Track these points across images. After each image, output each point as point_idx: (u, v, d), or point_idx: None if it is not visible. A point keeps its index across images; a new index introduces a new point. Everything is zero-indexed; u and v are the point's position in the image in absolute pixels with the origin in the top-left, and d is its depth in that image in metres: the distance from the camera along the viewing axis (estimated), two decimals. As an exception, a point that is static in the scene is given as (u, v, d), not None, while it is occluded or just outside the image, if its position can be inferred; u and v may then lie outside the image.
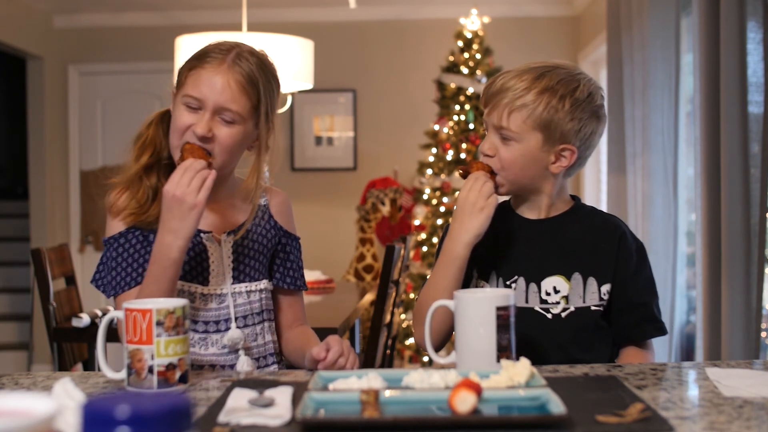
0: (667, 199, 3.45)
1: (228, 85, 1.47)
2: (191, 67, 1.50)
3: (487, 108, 1.54)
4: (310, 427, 1.00)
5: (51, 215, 5.76)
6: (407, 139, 5.60)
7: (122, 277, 1.51)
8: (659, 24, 3.48)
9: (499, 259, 1.57)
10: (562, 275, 1.53)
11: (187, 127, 1.48)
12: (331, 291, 3.68)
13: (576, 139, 1.51)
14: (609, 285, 1.54)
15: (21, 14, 5.46)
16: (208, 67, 1.48)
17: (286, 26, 4.98)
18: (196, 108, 1.48)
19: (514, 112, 1.49)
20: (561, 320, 1.52)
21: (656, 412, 1.05)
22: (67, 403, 0.99)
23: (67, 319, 2.88)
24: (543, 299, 1.53)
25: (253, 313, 1.58)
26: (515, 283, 1.54)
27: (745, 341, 2.49)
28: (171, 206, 1.40)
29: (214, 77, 1.47)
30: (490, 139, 1.54)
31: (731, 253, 2.52)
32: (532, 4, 5.62)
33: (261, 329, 1.59)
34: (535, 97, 1.48)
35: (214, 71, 1.48)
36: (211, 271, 1.55)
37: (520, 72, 1.53)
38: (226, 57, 1.49)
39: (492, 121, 1.53)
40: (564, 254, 1.55)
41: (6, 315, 6.16)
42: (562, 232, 1.57)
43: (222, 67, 1.48)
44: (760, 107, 2.44)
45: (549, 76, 1.50)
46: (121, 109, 5.87)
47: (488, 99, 1.54)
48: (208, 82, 1.47)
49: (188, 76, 1.50)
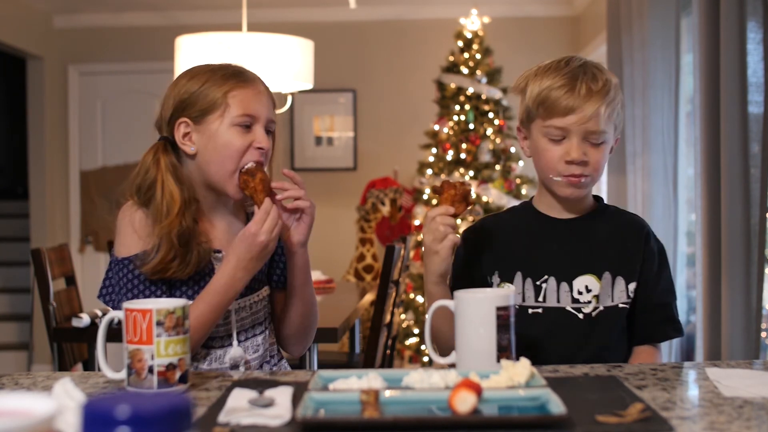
0: (667, 199, 3.45)
1: (268, 97, 1.55)
2: (227, 90, 1.49)
3: (569, 117, 1.47)
4: (310, 427, 1.00)
5: (51, 215, 5.76)
6: (407, 139, 5.60)
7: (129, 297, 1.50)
8: (659, 24, 3.48)
9: (527, 260, 1.56)
10: (594, 274, 1.53)
11: (246, 148, 1.50)
12: (331, 291, 3.68)
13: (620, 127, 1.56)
14: (635, 283, 1.54)
15: (21, 14, 5.46)
16: (247, 87, 1.52)
17: (286, 26, 4.98)
18: (248, 126, 1.51)
19: (611, 114, 1.49)
20: (592, 319, 1.52)
21: (656, 412, 1.05)
22: (67, 403, 0.99)
23: (67, 319, 2.89)
24: (575, 299, 1.53)
25: (255, 324, 1.59)
26: (546, 283, 1.53)
27: (745, 341, 2.49)
28: (252, 248, 1.45)
29: (259, 94, 1.53)
30: (577, 145, 1.48)
31: (731, 253, 2.52)
32: (532, 4, 5.62)
33: (263, 338, 1.61)
34: (616, 95, 1.50)
35: (254, 88, 1.53)
36: None
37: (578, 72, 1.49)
38: (248, 74, 1.55)
39: (588, 128, 1.47)
40: (594, 253, 1.55)
41: (6, 315, 6.16)
42: (590, 231, 1.57)
43: (256, 83, 1.54)
44: (760, 107, 2.44)
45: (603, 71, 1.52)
46: (121, 109, 5.87)
47: (570, 108, 1.46)
48: (256, 99, 1.52)
49: (229, 97, 1.49)
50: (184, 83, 1.52)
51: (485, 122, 4.96)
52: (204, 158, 1.51)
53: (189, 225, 1.47)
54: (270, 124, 1.54)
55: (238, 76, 1.52)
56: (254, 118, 1.50)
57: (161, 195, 1.47)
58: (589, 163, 1.49)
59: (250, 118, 1.50)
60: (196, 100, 1.50)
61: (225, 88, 1.49)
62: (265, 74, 3.48)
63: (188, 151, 1.51)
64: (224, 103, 1.49)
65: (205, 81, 1.51)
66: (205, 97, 1.49)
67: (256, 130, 1.51)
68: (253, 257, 1.45)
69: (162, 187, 1.48)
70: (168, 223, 1.45)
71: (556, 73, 1.50)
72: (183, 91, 1.51)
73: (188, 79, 1.52)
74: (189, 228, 1.47)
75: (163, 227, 1.45)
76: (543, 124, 1.50)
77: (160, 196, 1.47)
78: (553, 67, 1.52)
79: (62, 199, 5.88)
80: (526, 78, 1.55)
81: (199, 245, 1.48)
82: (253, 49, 3.45)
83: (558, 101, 1.47)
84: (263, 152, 1.51)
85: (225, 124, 1.49)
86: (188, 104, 1.50)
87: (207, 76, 1.51)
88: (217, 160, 1.49)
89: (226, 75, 1.51)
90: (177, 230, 1.45)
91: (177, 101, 1.51)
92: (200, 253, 1.48)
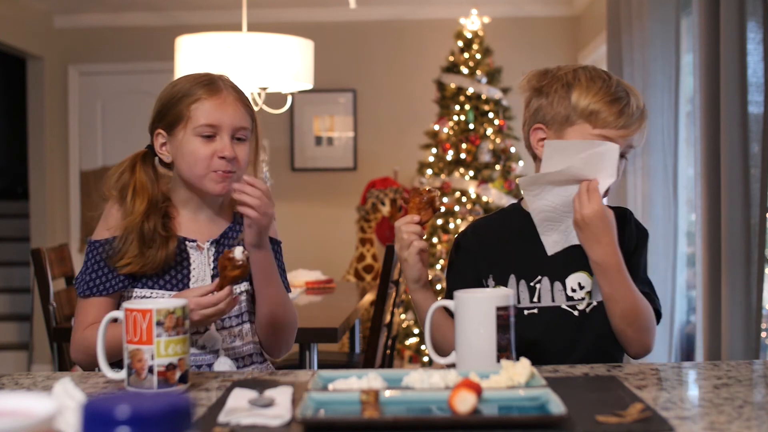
0: (667, 199, 3.45)
1: (235, 106, 1.58)
2: (190, 102, 1.56)
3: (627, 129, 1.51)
4: (310, 427, 1.00)
5: (51, 215, 5.76)
6: (407, 139, 5.60)
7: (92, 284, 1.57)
8: (659, 24, 3.48)
9: (520, 262, 1.57)
10: (585, 270, 1.54)
11: (211, 156, 1.55)
12: (331, 291, 3.68)
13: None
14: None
15: (21, 14, 5.46)
16: (211, 97, 1.56)
17: (286, 26, 4.98)
18: (211, 136, 1.56)
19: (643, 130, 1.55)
20: (586, 316, 1.53)
21: (656, 412, 1.05)
22: (67, 403, 0.99)
23: (67, 319, 2.88)
24: (569, 296, 1.54)
25: (232, 316, 1.62)
26: (539, 284, 1.54)
27: (745, 341, 2.49)
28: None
29: (222, 104, 1.57)
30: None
31: (731, 253, 2.52)
32: (532, 4, 5.62)
33: (240, 331, 1.63)
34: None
35: (218, 98, 1.57)
36: (191, 277, 1.60)
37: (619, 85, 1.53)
38: (217, 84, 1.59)
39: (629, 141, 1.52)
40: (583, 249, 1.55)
41: (6, 315, 6.16)
42: None
43: (222, 94, 1.58)
44: (760, 107, 2.44)
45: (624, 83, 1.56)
46: (121, 109, 5.87)
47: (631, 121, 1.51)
48: (219, 109, 1.56)
49: (191, 109, 1.56)
50: (164, 93, 1.62)
51: (485, 122, 4.96)
52: (177, 165, 1.60)
53: (152, 227, 1.56)
54: (239, 132, 1.58)
55: (205, 87, 1.58)
56: (216, 127, 1.56)
57: (130, 198, 1.58)
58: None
59: (212, 128, 1.56)
60: (167, 112, 1.59)
61: (189, 100, 1.57)
62: (265, 74, 3.49)
63: (165, 159, 1.63)
64: (187, 115, 1.57)
65: (177, 93, 1.59)
66: (173, 108, 1.58)
67: (219, 140, 1.56)
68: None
69: (132, 191, 1.58)
70: (131, 221, 1.55)
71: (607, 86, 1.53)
72: (161, 102, 1.61)
73: (168, 89, 1.62)
74: (152, 230, 1.56)
75: (129, 222, 1.56)
76: (592, 132, 1.51)
77: (130, 197, 1.58)
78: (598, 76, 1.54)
79: (62, 199, 5.88)
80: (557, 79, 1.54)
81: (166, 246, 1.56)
82: (253, 49, 3.44)
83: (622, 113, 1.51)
84: (228, 161, 1.56)
85: (188, 134, 1.57)
86: (162, 115, 1.60)
87: (180, 87, 1.59)
88: (186, 168, 1.58)
89: (195, 86, 1.58)
90: (139, 231, 1.55)
91: (155, 111, 1.62)
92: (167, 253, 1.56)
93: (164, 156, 1.62)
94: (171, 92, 1.60)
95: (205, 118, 1.56)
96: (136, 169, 1.61)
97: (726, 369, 1.34)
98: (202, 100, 1.56)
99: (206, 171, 1.56)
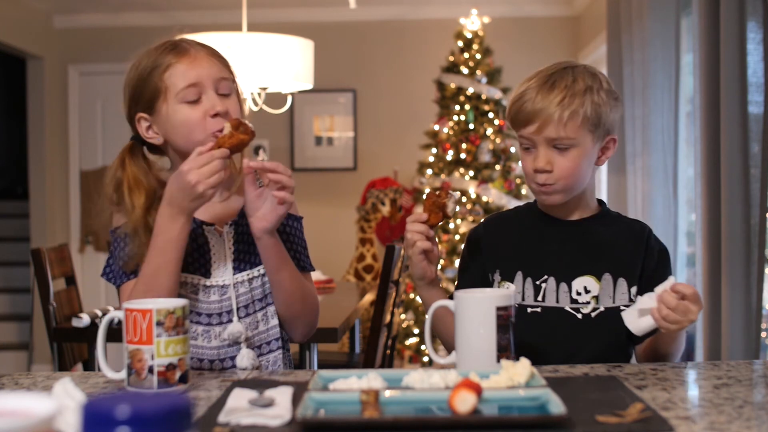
0: (667, 199, 3.45)
1: (209, 60, 1.50)
2: (162, 72, 1.48)
3: (529, 127, 1.50)
4: (310, 427, 1.00)
5: (51, 215, 5.76)
6: (407, 139, 5.60)
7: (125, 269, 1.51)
8: (659, 24, 3.48)
9: (528, 260, 1.57)
10: (593, 275, 1.54)
11: (203, 118, 1.47)
12: (331, 291, 3.68)
13: (615, 127, 1.55)
14: (637, 287, 1.54)
15: (21, 14, 5.46)
16: (181, 58, 1.48)
17: (286, 26, 4.98)
18: (196, 100, 1.47)
19: (569, 120, 1.48)
20: (590, 320, 1.52)
21: (656, 412, 1.05)
22: (67, 403, 0.99)
23: (67, 319, 2.88)
24: (573, 299, 1.53)
25: (254, 300, 1.56)
26: (545, 283, 1.54)
27: (745, 341, 2.49)
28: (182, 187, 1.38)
29: (194, 61, 1.48)
30: (542, 154, 1.51)
31: (731, 253, 2.52)
32: (532, 4, 5.62)
33: (263, 315, 1.57)
34: (582, 99, 1.49)
35: (187, 57, 1.48)
36: (213, 263, 1.54)
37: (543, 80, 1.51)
38: (181, 45, 1.50)
39: (546, 135, 1.49)
40: (595, 255, 1.55)
41: (6, 315, 6.16)
42: (592, 233, 1.58)
43: (191, 52, 1.49)
44: (760, 107, 2.44)
45: (573, 76, 1.51)
46: (121, 109, 5.84)
47: (530, 116, 1.50)
48: (192, 67, 1.47)
49: (164, 78, 1.48)
50: (130, 75, 1.53)
51: (485, 122, 4.96)
52: (171, 141, 1.52)
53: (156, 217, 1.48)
54: (221, 85, 1.50)
55: (171, 52, 1.49)
56: (198, 86, 1.47)
57: (128, 195, 1.51)
58: (555, 171, 1.50)
59: (194, 87, 1.47)
60: (141, 92, 1.50)
61: (160, 70, 1.48)
62: (265, 74, 3.49)
63: (156, 142, 1.53)
64: (163, 86, 1.48)
65: (144, 69, 1.50)
66: (146, 85, 1.49)
67: (205, 99, 1.48)
68: (185, 197, 1.39)
69: (128, 188, 1.51)
70: (135, 219, 1.49)
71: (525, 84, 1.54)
72: (131, 85, 1.53)
73: (133, 70, 1.53)
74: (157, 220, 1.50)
75: (133, 220, 1.49)
76: (517, 135, 1.56)
77: (127, 196, 1.51)
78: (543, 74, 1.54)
79: (62, 199, 5.88)
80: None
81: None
82: (253, 49, 3.44)
83: (519, 113, 1.52)
84: (222, 116, 1.47)
85: (172, 104, 1.48)
86: (137, 97, 1.52)
87: (145, 62, 1.50)
88: (181, 140, 1.49)
89: (160, 55, 1.49)
90: (145, 225, 1.48)
91: (128, 98, 1.54)
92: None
93: (153, 139, 1.53)
94: (138, 71, 1.50)
95: (184, 80, 1.46)
96: (126, 164, 1.53)
97: (726, 369, 1.34)
98: (174, 65, 1.47)
99: (203, 134, 1.46)
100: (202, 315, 1.53)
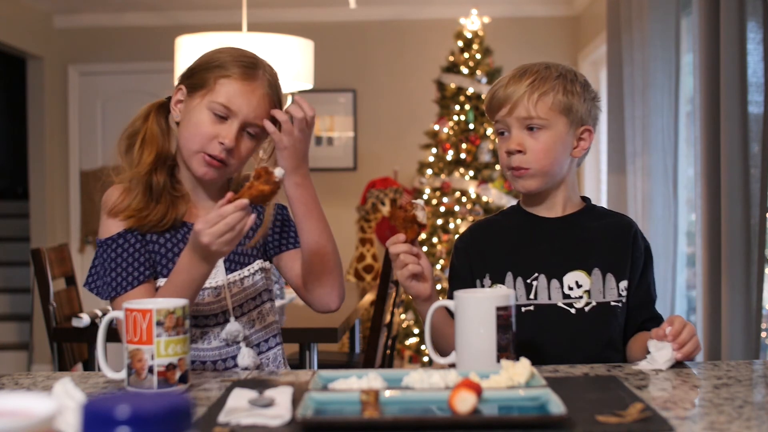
0: (667, 199, 3.45)
1: (262, 101, 1.50)
2: (221, 75, 1.48)
3: (502, 110, 1.54)
4: (310, 427, 1.00)
5: (51, 215, 5.76)
6: (407, 139, 5.60)
7: (123, 277, 1.50)
8: (659, 24, 3.48)
9: (517, 259, 1.57)
10: (583, 270, 1.54)
11: (213, 137, 1.47)
12: (331, 291, 3.67)
13: (590, 119, 1.57)
14: (626, 282, 1.55)
15: (21, 14, 5.46)
16: (242, 80, 1.48)
17: (286, 26, 4.98)
18: (223, 117, 1.48)
19: (539, 100, 1.51)
20: (584, 314, 1.53)
21: (656, 412, 1.05)
22: (67, 403, 0.99)
23: (67, 319, 2.88)
24: (566, 294, 1.54)
25: (249, 300, 1.57)
26: (536, 281, 1.54)
27: (745, 341, 2.49)
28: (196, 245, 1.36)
29: (250, 93, 1.48)
30: (515, 136, 1.53)
31: (731, 253, 2.52)
32: (532, 4, 5.62)
33: (258, 314, 1.58)
34: (553, 83, 1.52)
35: (249, 85, 1.48)
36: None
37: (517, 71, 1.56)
38: (257, 72, 1.51)
39: (517, 115, 1.52)
40: (583, 250, 1.56)
41: (6, 315, 6.16)
42: (578, 228, 1.58)
43: (256, 83, 1.49)
44: (760, 107, 2.44)
45: (548, 67, 1.55)
46: (121, 109, 5.86)
47: (503, 100, 1.54)
48: (244, 96, 1.48)
49: (218, 83, 1.48)
50: (205, 55, 1.54)
51: (485, 122, 4.96)
52: (180, 130, 1.53)
53: (160, 180, 1.51)
54: (251, 128, 1.50)
55: (242, 68, 1.50)
56: (231, 111, 1.47)
57: (139, 145, 1.53)
58: (528, 152, 1.52)
59: (226, 110, 1.47)
60: (197, 74, 1.52)
61: (221, 72, 1.49)
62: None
63: (174, 117, 1.55)
64: (211, 86, 1.49)
65: (214, 60, 1.51)
66: (204, 72, 1.50)
67: (228, 125, 1.48)
68: (200, 255, 1.37)
69: (142, 139, 1.53)
70: (138, 171, 1.50)
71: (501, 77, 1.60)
72: (197, 61, 1.54)
73: (211, 53, 1.54)
74: (160, 183, 1.51)
75: (134, 174, 1.50)
76: (493, 123, 1.60)
77: (138, 146, 1.53)
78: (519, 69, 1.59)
79: (62, 199, 5.88)
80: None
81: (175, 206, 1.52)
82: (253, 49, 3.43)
83: (492, 99, 1.57)
84: (224, 148, 1.47)
85: (203, 104, 1.49)
86: (192, 73, 1.53)
87: (221, 56, 1.51)
88: (185, 135, 1.51)
89: (234, 62, 1.50)
90: (146, 183, 1.50)
91: (188, 67, 1.55)
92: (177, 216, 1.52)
93: (175, 112, 1.54)
94: (211, 57, 1.52)
95: (226, 98, 1.47)
96: (150, 118, 1.54)
97: (726, 369, 1.34)
98: (232, 79, 1.48)
99: (199, 148, 1.47)
100: (199, 317, 1.53)
